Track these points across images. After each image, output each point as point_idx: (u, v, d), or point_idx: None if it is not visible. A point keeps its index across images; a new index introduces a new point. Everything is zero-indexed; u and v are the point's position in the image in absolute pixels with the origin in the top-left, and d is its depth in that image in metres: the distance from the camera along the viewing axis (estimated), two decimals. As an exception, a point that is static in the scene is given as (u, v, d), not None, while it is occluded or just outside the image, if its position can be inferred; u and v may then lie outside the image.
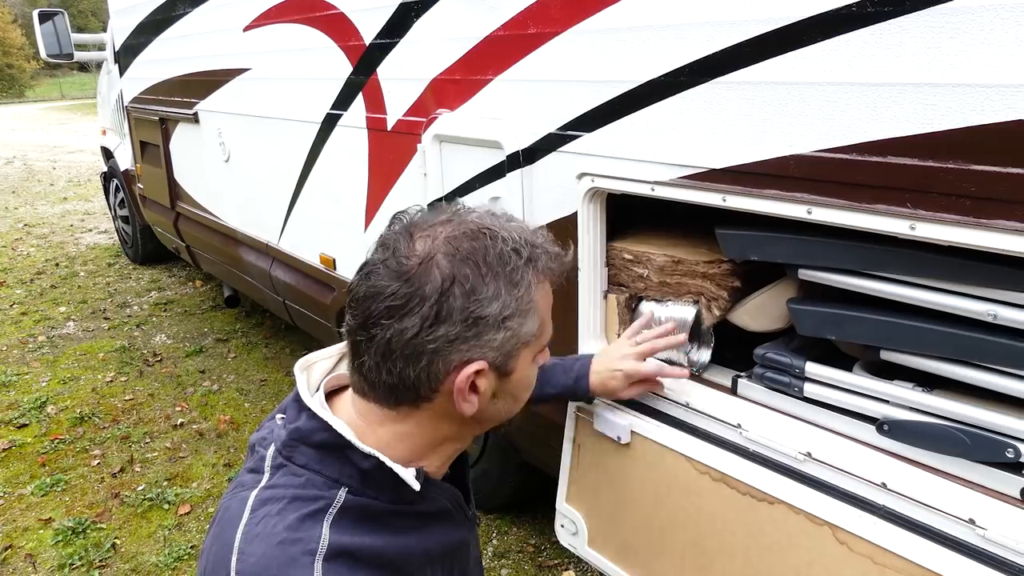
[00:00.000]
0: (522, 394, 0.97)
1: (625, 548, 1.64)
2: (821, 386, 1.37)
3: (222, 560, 0.84)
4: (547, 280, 0.94)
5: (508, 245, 0.88)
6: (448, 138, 2.00)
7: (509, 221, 0.93)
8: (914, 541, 1.16)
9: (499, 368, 0.91)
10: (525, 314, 0.89)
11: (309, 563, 0.82)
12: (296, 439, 0.92)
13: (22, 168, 12.76)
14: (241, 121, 3.32)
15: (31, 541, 2.73)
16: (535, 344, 0.93)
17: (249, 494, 0.90)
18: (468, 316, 0.86)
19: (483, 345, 0.88)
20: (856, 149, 1.16)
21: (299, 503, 0.87)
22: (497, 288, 0.87)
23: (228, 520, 0.88)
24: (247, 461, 0.98)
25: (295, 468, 0.91)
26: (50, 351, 4.52)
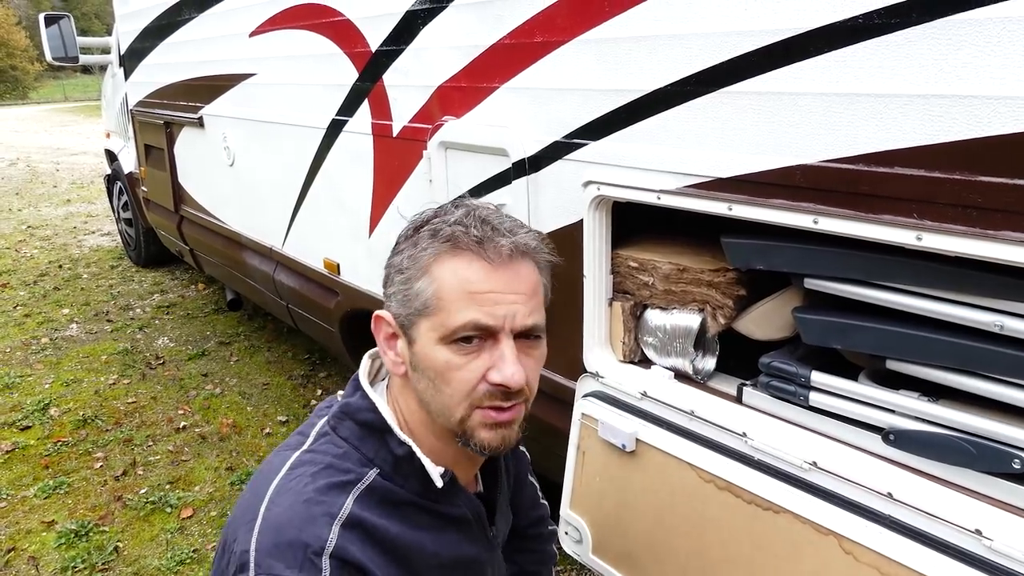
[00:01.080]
0: (436, 379, 0.92)
1: (629, 556, 1.64)
2: (827, 395, 1.37)
3: (252, 506, 0.91)
4: (455, 255, 0.91)
5: (440, 217, 0.95)
6: (454, 145, 2.00)
7: (482, 210, 0.95)
8: (920, 551, 1.16)
9: (404, 329, 0.95)
10: (416, 277, 0.92)
11: (327, 524, 0.88)
12: (345, 413, 1.00)
13: (25, 170, 12.78)
14: (246, 126, 3.33)
15: (34, 543, 2.73)
16: (433, 320, 0.91)
17: (292, 454, 0.97)
18: (386, 264, 0.99)
19: (388, 296, 0.97)
20: (862, 159, 1.17)
21: (332, 471, 0.94)
22: (405, 246, 0.96)
23: (266, 473, 0.96)
24: (303, 424, 1.05)
25: (337, 439, 0.98)
26: (53, 353, 4.52)
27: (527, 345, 0.95)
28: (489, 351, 0.91)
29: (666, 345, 1.64)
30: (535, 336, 0.96)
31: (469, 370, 0.91)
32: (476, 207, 0.96)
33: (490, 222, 0.93)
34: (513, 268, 0.93)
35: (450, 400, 0.93)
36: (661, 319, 1.64)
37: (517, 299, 0.92)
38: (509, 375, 0.90)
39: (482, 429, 0.94)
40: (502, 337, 0.91)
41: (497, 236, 0.92)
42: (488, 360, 0.91)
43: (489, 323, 0.90)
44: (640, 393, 1.62)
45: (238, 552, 0.89)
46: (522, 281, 0.93)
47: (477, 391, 0.92)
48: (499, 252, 0.91)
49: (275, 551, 0.86)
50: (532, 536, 1.43)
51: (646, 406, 1.61)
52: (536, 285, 0.96)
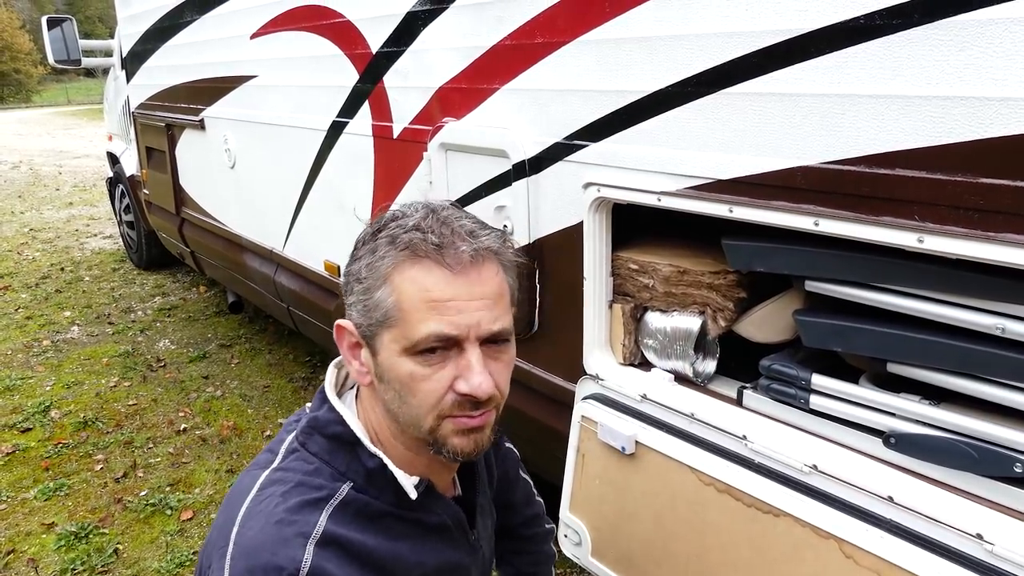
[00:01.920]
0: (402, 391, 0.89)
1: (628, 559, 1.63)
2: (827, 398, 1.37)
3: (224, 530, 0.90)
4: (414, 263, 0.88)
5: (397, 221, 0.91)
6: (454, 147, 2.00)
7: (441, 212, 0.93)
8: (921, 556, 1.15)
9: (367, 339, 0.92)
10: (376, 287, 0.89)
11: (301, 544, 0.86)
12: (313, 427, 0.97)
13: (28, 173, 12.81)
14: (247, 128, 3.33)
15: (34, 546, 2.73)
16: (395, 331, 0.88)
17: (261, 473, 0.95)
18: (344, 272, 0.96)
19: (350, 306, 0.94)
20: (864, 161, 1.16)
21: (304, 488, 0.92)
22: (363, 252, 0.93)
23: (237, 495, 0.94)
24: (272, 441, 1.03)
25: (307, 455, 0.96)
26: (54, 355, 4.52)
27: (494, 350, 0.92)
28: (455, 360, 0.88)
29: (666, 348, 1.64)
30: (503, 340, 0.93)
31: (435, 380, 0.88)
32: (435, 208, 0.93)
33: (450, 224, 0.90)
34: (475, 273, 0.89)
35: (418, 411, 0.90)
36: (661, 322, 1.64)
37: (481, 305, 0.89)
38: (476, 385, 0.87)
39: (454, 436, 0.91)
40: (467, 345, 0.88)
41: (457, 240, 0.88)
42: (454, 369, 0.88)
43: (452, 333, 0.87)
44: (640, 396, 1.61)
45: None
46: (485, 285, 0.90)
47: (444, 401, 0.89)
48: (459, 258, 0.88)
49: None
50: (528, 537, 1.41)
51: (646, 408, 1.61)
52: (501, 288, 0.92)
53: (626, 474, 1.60)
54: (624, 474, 1.60)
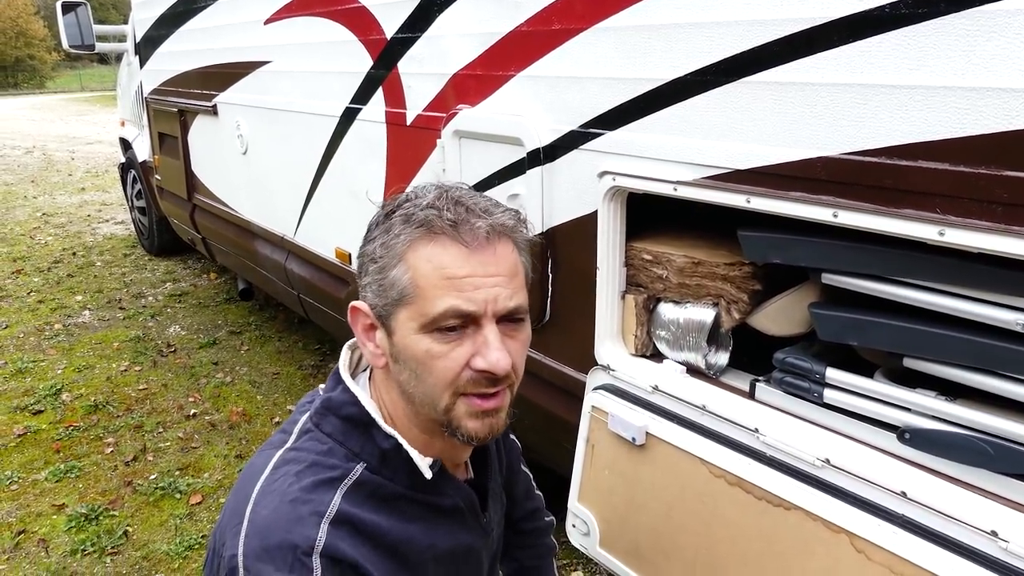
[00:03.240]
0: (418, 369, 0.89)
1: (637, 550, 1.63)
2: (841, 392, 1.35)
3: (238, 509, 0.90)
4: (430, 240, 0.87)
5: (411, 201, 0.91)
6: (468, 134, 1.99)
7: (455, 191, 0.92)
8: (934, 552, 1.14)
9: (382, 320, 0.91)
10: (391, 265, 0.88)
11: (316, 523, 0.86)
12: (327, 408, 0.97)
13: (41, 158, 12.87)
14: (260, 114, 3.33)
15: (44, 526, 2.75)
16: (412, 309, 0.87)
17: (275, 453, 0.95)
18: (359, 253, 0.95)
19: (364, 287, 0.93)
20: (886, 152, 1.15)
21: (318, 468, 0.91)
22: (377, 232, 0.92)
23: (251, 475, 0.94)
24: (285, 422, 1.02)
25: (321, 435, 0.95)
26: (66, 339, 4.55)
27: (510, 328, 0.91)
28: (472, 337, 0.88)
29: (679, 339, 1.63)
30: (518, 318, 0.92)
31: (452, 358, 0.87)
32: (449, 188, 0.92)
33: (464, 203, 0.89)
34: (491, 250, 0.89)
35: (433, 390, 0.89)
36: (674, 313, 1.63)
37: (498, 282, 0.88)
38: (494, 361, 0.87)
39: (468, 419, 0.90)
40: (484, 322, 0.88)
41: (472, 217, 0.88)
42: (471, 347, 0.88)
43: (470, 309, 0.86)
44: (651, 387, 1.61)
45: (227, 557, 0.87)
46: (501, 262, 0.89)
47: (461, 379, 0.88)
48: (475, 234, 0.87)
49: (264, 554, 0.85)
50: (529, 531, 1.41)
51: (657, 400, 1.60)
52: (516, 265, 0.92)
53: (636, 465, 1.59)
54: (634, 465, 1.60)
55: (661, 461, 1.55)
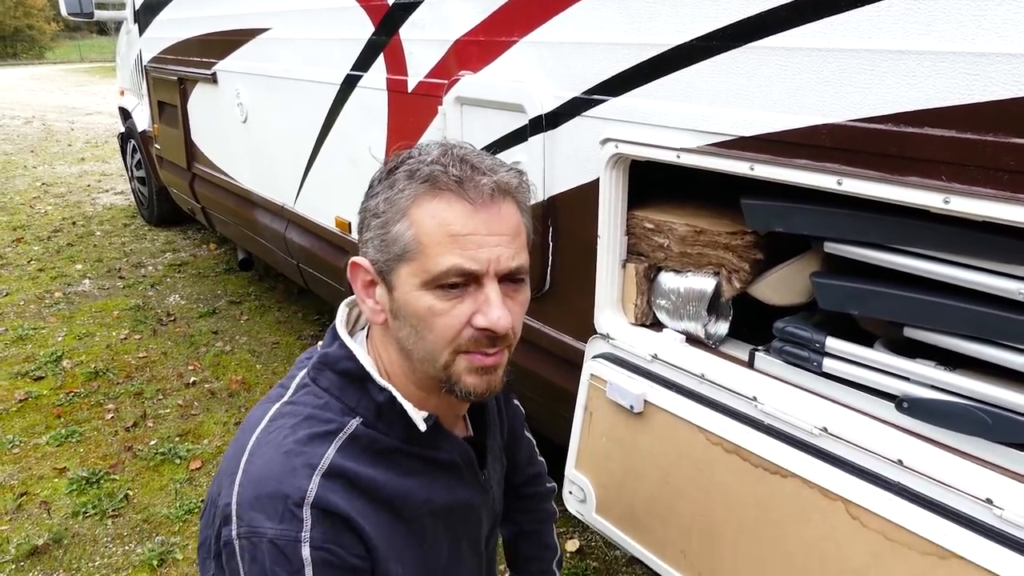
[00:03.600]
0: (419, 326, 0.89)
1: (633, 516, 1.64)
2: (841, 361, 1.35)
3: (234, 460, 0.91)
4: (435, 196, 0.87)
5: (416, 158, 0.90)
6: (470, 101, 1.98)
7: (460, 149, 0.91)
8: (929, 519, 1.15)
9: (382, 275, 0.91)
10: (394, 220, 0.88)
11: (308, 475, 0.87)
12: (324, 363, 0.98)
13: (40, 128, 12.80)
14: (260, 82, 3.30)
15: (46, 489, 2.77)
16: (414, 265, 0.87)
17: (272, 406, 0.96)
18: (360, 208, 0.94)
19: (365, 242, 0.93)
20: (892, 119, 1.14)
21: (313, 422, 0.92)
22: (380, 188, 0.91)
23: (248, 426, 0.95)
24: (284, 377, 1.04)
25: (317, 390, 0.96)
26: (66, 307, 4.55)
27: (511, 288, 0.91)
28: (473, 295, 0.88)
29: (679, 308, 1.63)
30: (519, 279, 0.92)
31: (453, 316, 0.87)
32: (453, 146, 0.92)
33: (469, 161, 0.89)
34: (495, 208, 0.88)
35: (434, 347, 0.89)
36: (675, 282, 1.62)
37: (500, 241, 0.88)
38: (495, 319, 0.86)
39: (467, 375, 0.91)
40: (486, 281, 0.87)
41: (477, 175, 0.88)
42: (472, 305, 0.88)
43: (472, 268, 0.86)
44: (650, 356, 1.61)
45: (221, 506, 0.89)
46: (505, 222, 0.89)
47: (462, 336, 0.88)
48: (480, 192, 0.87)
49: (256, 503, 0.86)
50: (530, 495, 1.42)
51: (656, 368, 1.60)
52: (519, 226, 0.92)
53: (633, 432, 1.60)
54: (631, 432, 1.60)
55: (659, 429, 1.55)
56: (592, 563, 2.43)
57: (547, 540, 1.45)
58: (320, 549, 0.85)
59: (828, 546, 1.27)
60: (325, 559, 0.85)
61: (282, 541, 0.84)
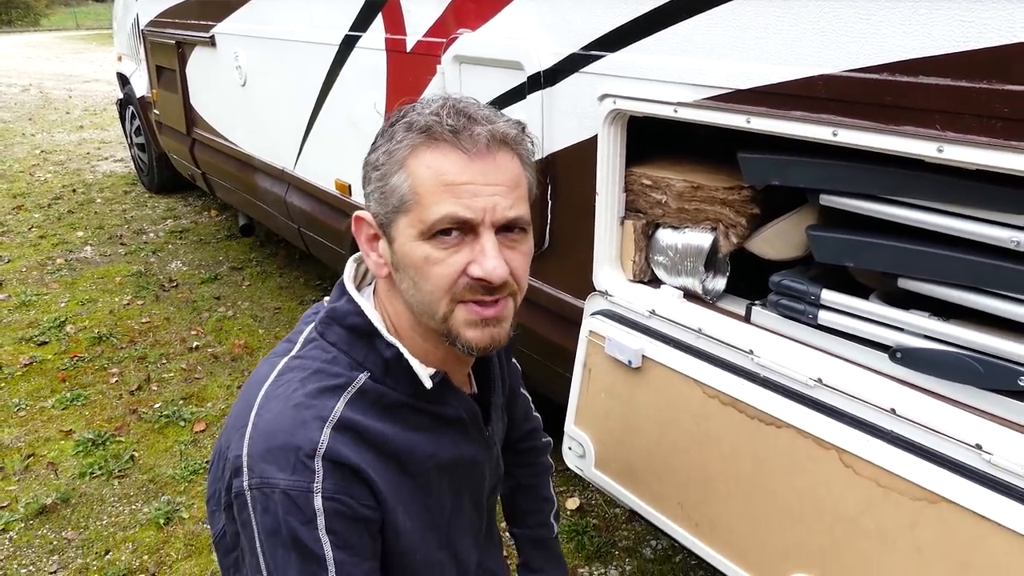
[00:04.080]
0: (416, 276, 0.89)
1: (631, 470, 1.67)
2: (836, 313, 1.37)
3: (243, 413, 0.92)
4: (430, 147, 0.87)
5: (415, 111, 0.91)
6: (468, 59, 1.97)
7: (458, 102, 0.91)
8: (920, 465, 1.17)
9: (384, 228, 0.92)
10: (392, 172, 0.89)
11: (319, 427, 0.88)
12: (331, 318, 0.98)
13: (38, 96, 12.71)
14: (258, 44, 3.28)
15: (53, 451, 2.81)
16: (411, 216, 0.88)
17: (279, 361, 0.97)
18: (363, 163, 0.95)
19: (367, 196, 0.94)
20: (887, 69, 1.14)
21: (322, 376, 0.93)
22: (380, 142, 0.92)
23: (256, 381, 0.96)
24: (291, 332, 1.04)
25: (325, 344, 0.97)
26: (68, 273, 4.57)
27: (510, 239, 0.91)
28: (470, 245, 0.88)
29: (676, 264, 1.64)
30: (519, 229, 0.92)
31: (448, 264, 0.88)
32: (452, 98, 0.92)
33: (466, 112, 0.89)
34: (491, 158, 0.88)
35: (431, 297, 0.90)
36: (673, 238, 1.63)
37: (497, 190, 0.87)
38: (490, 268, 0.86)
39: (467, 328, 0.91)
40: (482, 230, 0.87)
41: (473, 125, 0.87)
42: (469, 254, 0.88)
43: (467, 216, 0.86)
44: (648, 311, 1.62)
45: (231, 458, 0.90)
46: (502, 171, 0.89)
47: (458, 285, 0.88)
48: (475, 141, 0.87)
49: (267, 455, 0.87)
50: (527, 449, 1.44)
51: (654, 324, 1.62)
52: (518, 176, 0.91)
53: (632, 388, 1.62)
54: (630, 388, 1.62)
55: (656, 383, 1.57)
56: (592, 520, 2.47)
57: (544, 493, 1.47)
58: (332, 499, 0.87)
59: (822, 494, 1.29)
60: (337, 509, 0.87)
61: (295, 492, 0.86)
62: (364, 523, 0.90)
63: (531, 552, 1.43)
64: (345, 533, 0.88)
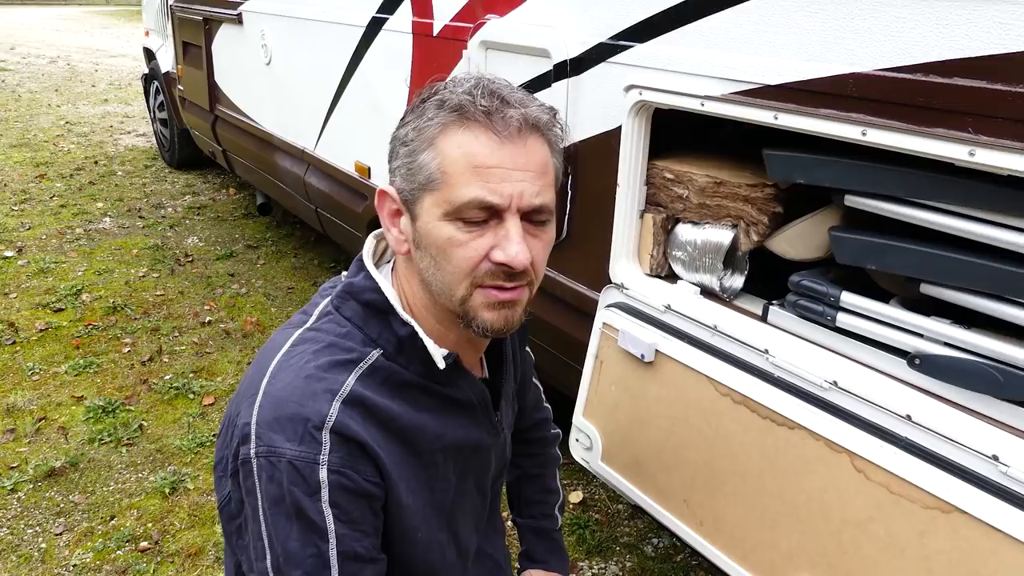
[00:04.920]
0: (438, 256, 0.89)
1: (638, 464, 1.66)
2: (855, 316, 1.35)
3: (255, 381, 0.92)
4: (462, 127, 0.86)
5: (448, 88, 0.89)
6: (495, 45, 1.95)
7: (492, 83, 0.89)
8: (933, 473, 1.15)
9: (407, 204, 0.91)
10: (421, 149, 0.88)
11: (328, 400, 0.88)
12: (348, 292, 0.98)
13: (65, 68, 12.80)
14: (285, 23, 3.28)
15: (63, 416, 2.84)
16: (437, 195, 0.87)
17: (294, 332, 0.97)
18: (391, 137, 0.94)
19: (393, 170, 0.93)
20: (921, 69, 1.12)
21: (335, 349, 0.93)
22: (411, 118, 0.91)
23: (270, 349, 0.96)
24: (306, 304, 1.04)
25: (340, 319, 0.97)
26: (87, 243, 4.60)
27: (534, 227, 0.90)
28: (494, 229, 0.87)
29: (695, 260, 1.62)
30: (543, 218, 0.91)
31: (472, 248, 0.87)
32: (485, 79, 0.90)
33: (500, 93, 0.87)
34: (522, 143, 0.87)
35: (451, 278, 0.89)
36: (692, 234, 1.62)
37: (525, 176, 0.86)
38: (513, 255, 0.86)
39: (484, 309, 0.90)
40: (508, 216, 0.86)
41: (506, 108, 0.86)
42: (492, 238, 0.87)
43: (494, 201, 0.85)
44: (664, 306, 1.61)
45: (240, 425, 0.90)
46: (531, 157, 0.87)
47: (479, 269, 0.88)
48: (507, 124, 0.85)
49: (275, 424, 0.87)
50: (535, 440, 1.43)
51: (669, 319, 1.60)
52: (546, 163, 0.90)
53: (643, 382, 1.61)
54: (641, 381, 1.61)
55: (668, 378, 1.56)
56: (595, 515, 2.46)
57: (550, 484, 1.46)
58: (337, 472, 0.86)
59: (831, 497, 1.28)
60: (341, 483, 0.87)
61: (300, 462, 0.85)
62: (368, 498, 0.90)
63: (534, 543, 1.42)
64: (348, 507, 0.88)
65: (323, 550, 0.86)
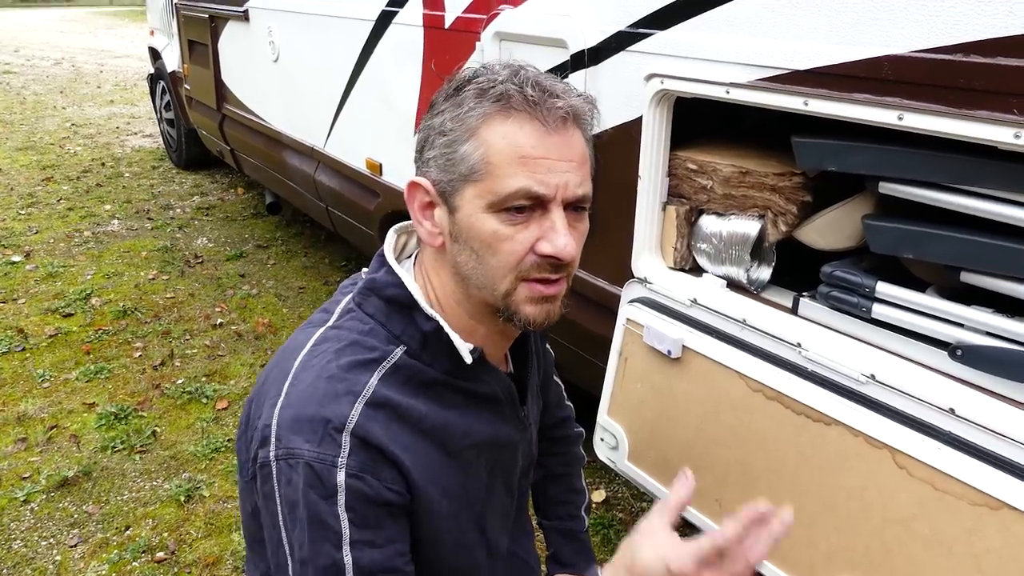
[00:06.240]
0: (481, 249, 0.87)
1: (666, 464, 1.62)
2: (891, 307, 1.31)
3: (277, 381, 0.90)
4: (507, 117, 0.84)
5: (483, 76, 0.87)
6: (509, 36, 1.91)
7: (530, 71, 0.87)
8: (980, 468, 1.11)
9: (444, 196, 0.89)
10: (462, 139, 0.86)
11: (351, 402, 0.86)
12: (370, 289, 0.95)
13: (70, 70, 12.81)
14: (292, 19, 3.24)
15: (75, 423, 2.81)
16: (481, 186, 0.85)
17: (316, 331, 0.94)
18: (423, 127, 0.91)
19: (427, 161, 0.90)
20: (961, 49, 1.07)
21: (357, 348, 0.91)
22: (446, 106, 0.88)
23: (291, 349, 0.94)
24: (327, 302, 1.02)
25: (363, 316, 0.94)
26: (95, 246, 4.58)
27: (574, 218, 0.89)
28: (538, 221, 0.86)
29: (720, 253, 1.58)
30: (582, 208, 0.90)
31: (517, 241, 0.85)
32: (523, 67, 0.88)
33: (541, 83, 0.85)
34: (566, 133, 0.86)
35: (496, 272, 0.87)
36: (717, 225, 1.57)
37: (570, 167, 0.86)
38: (561, 246, 0.85)
39: (527, 304, 0.89)
40: (552, 207, 0.85)
41: (551, 98, 0.85)
42: (537, 230, 0.85)
43: (542, 191, 0.84)
44: (690, 300, 1.57)
45: (260, 427, 0.88)
46: (574, 147, 0.87)
47: (525, 263, 0.86)
48: (553, 115, 0.84)
49: (296, 426, 0.85)
50: (559, 438, 1.41)
51: (695, 314, 1.56)
52: (585, 154, 0.90)
53: (670, 378, 1.57)
54: (668, 378, 1.57)
55: (696, 374, 1.52)
56: (618, 514, 2.43)
57: (576, 484, 1.43)
58: (355, 477, 0.84)
59: (872, 495, 1.24)
60: (359, 488, 0.84)
61: (318, 464, 0.83)
62: (387, 506, 0.87)
63: (561, 545, 1.39)
64: (365, 513, 0.85)
65: (337, 558, 0.83)
